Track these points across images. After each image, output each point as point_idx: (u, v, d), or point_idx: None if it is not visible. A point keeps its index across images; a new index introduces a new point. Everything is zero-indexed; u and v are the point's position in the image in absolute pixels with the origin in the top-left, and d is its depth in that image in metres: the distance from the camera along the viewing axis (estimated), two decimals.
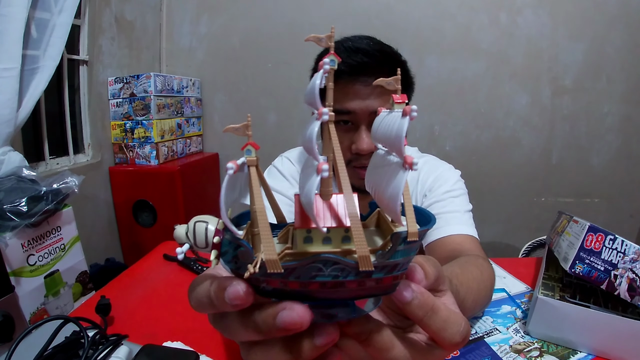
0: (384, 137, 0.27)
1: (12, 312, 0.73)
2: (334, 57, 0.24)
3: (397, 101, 0.26)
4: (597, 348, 0.53)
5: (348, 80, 0.68)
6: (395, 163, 0.25)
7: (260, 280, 0.23)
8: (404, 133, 0.24)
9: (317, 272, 0.22)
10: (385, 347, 0.25)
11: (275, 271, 0.22)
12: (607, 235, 0.55)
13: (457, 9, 1.86)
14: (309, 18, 1.92)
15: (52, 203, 0.98)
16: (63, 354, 0.47)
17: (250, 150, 0.25)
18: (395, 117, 0.26)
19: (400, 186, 0.23)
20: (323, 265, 0.22)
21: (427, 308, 0.25)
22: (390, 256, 0.24)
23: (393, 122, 0.25)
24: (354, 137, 0.70)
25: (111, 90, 1.76)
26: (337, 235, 0.25)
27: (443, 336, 0.26)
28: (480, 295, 0.51)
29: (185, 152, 1.99)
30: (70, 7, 1.30)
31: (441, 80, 1.92)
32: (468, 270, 0.51)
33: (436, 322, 0.26)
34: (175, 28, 2.08)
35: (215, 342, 0.59)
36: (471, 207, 0.77)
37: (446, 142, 1.99)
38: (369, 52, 0.66)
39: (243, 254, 0.23)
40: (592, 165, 1.92)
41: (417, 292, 0.25)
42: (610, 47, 1.80)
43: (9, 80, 1.10)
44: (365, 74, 0.67)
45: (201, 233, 0.24)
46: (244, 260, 0.23)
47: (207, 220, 0.25)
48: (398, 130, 0.24)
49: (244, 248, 0.23)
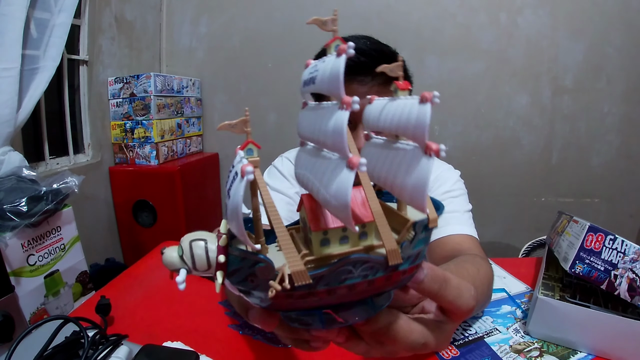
0: (393, 125, 0.24)
1: (12, 312, 0.73)
2: (339, 42, 0.22)
3: (401, 87, 0.25)
4: (597, 348, 0.53)
5: (345, 80, 0.67)
6: (411, 150, 0.22)
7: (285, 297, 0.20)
8: (428, 120, 0.21)
9: (347, 274, 0.21)
10: (405, 334, 0.26)
11: (304, 282, 0.20)
12: (607, 235, 0.55)
13: (457, 9, 1.86)
14: (309, 18, 1.92)
15: (52, 203, 0.98)
16: (63, 354, 0.47)
17: (252, 149, 0.23)
18: (407, 104, 0.23)
19: (426, 175, 0.21)
20: (353, 266, 0.21)
21: (440, 280, 0.26)
22: (415, 245, 0.23)
23: (407, 110, 0.23)
24: (351, 136, 0.70)
25: (111, 90, 1.76)
26: (354, 232, 0.24)
27: (460, 303, 0.27)
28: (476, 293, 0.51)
29: (185, 152, 1.99)
30: (70, 7, 1.30)
31: (441, 80, 1.92)
32: (464, 268, 0.51)
33: (451, 291, 0.27)
34: (175, 28, 2.08)
35: (215, 342, 0.59)
36: (471, 207, 0.77)
37: (446, 142, 1.98)
38: (365, 51, 0.67)
39: (263, 270, 0.20)
40: (592, 165, 1.92)
41: (427, 269, 0.26)
42: (610, 47, 1.80)
43: (9, 80, 1.10)
44: (362, 74, 0.67)
45: (201, 253, 0.21)
46: (264, 277, 0.20)
47: (203, 237, 0.21)
48: (420, 118, 0.21)
49: (263, 263, 0.20)
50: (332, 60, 0.21)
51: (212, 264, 0.21)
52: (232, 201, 0.20)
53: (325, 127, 0.21)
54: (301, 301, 0.21)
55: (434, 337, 0.28)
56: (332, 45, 0.22)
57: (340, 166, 0.20)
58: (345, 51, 0.20)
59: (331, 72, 0.21)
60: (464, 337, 0.57)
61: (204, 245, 0.21)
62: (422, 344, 0.27)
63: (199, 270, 0.21)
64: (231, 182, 0.21)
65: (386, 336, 0.26)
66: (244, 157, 0.22)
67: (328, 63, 0.21)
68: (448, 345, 0.31)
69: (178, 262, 0.21)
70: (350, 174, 0.19)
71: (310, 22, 0.23)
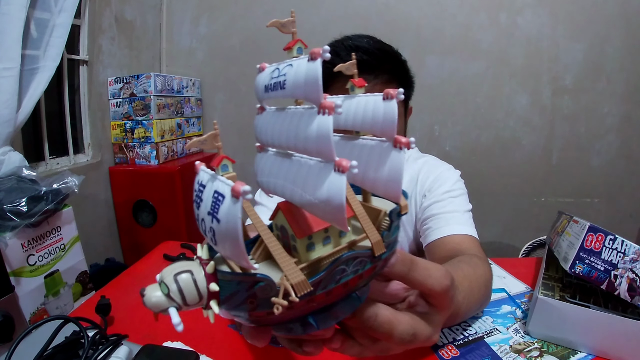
0: (358, 122, 0.24)
1: (12, 312, 0.73)
2: (301, 45, 0.22)
3: (358, 85, 0.25)
4: (597, 348, 0.53)
5: (348, 78, 0.68)
6: (378, 145, 0.24)
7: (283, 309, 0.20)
8: (396, 115, 0.22)
9: (341, 274, 0.21)
10: (393, 324, 0.26)
11: (306, 291, 0.19)
12: (607, 235, 0.55)
13: (457, 9, 1.86)
14: (308, 18, 1.92)
15: (52, 203, 0.98)
16: (63, 354, 0.47)
17: (227, 165, 0.21)
18: (369, 101, 0.24)
19: (400, 167, 0.22)
20: (346, 264, 0.21)
21: (408, 262, 0.27)
22: (393, 233, 0.24)
23: (372, 107, 0.24)
24: None
25: (111, 90, 1.76)
26: (334, 231, 0.24)
27: (431, 283, 0.28)
28: (472, 293, 0.51)
29: (185, 152, 1.99)
30: (70, 7, 1.30)
31: (441, 80, 1.92)
32: (459, 268, 0.52)
33: (420, 272, 0.28)
34: (175, 28, 2.08)
35: (215, 342, 0.59)
36: (471, 207, 0.77)
37: (446, 142, 1.99)
38: (368, 50, 0.67)
39: (263, 289, 0.19)
40: (592, 165, 1.92)
41: (397, 253, 0.27)
42: (610, 47, 1.80)
43: (9, 80, 1.10)
44: (365, 72, 0.67)
45: (189, 286, 0.19)
46: (265, 297, 0.20)
47: (186, 268, 0.20)
48: (388, 114, 0.23)
49: (264, 282, 0.19)
50: (304, 64, 0.20)
51: (203, 294, 0.19)
52: (226, 225, 0.18)
53: (304, 133, 0.21)
54: (299, 310, 0.21)
55: (423, 326, 0.28)
56: (294, 48, 0.22)
57: (326, 170, 0.20)
58: (321, 55, 0.19)
59: (308, 77, 0.20)
60: (464, 337, 0.57)
61: (190, 278, 0.19)
62: (411, 334, 0.27)
63: (189, 305, 0.19)
64: (213, 205, 0.19)
65: (374, 328, 0.26)
66: (220, 175, 0.20)
67: (300, 67, 0.20)
68: (438, 337, 0.31)
69: (165, 302, 0.19)
70: (341, 177, 0.19)
71: (270, 25, 0.23)
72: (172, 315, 0.19)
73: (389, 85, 0.70)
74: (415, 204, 0.81)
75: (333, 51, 0.80)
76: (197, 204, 0.21)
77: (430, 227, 0.74)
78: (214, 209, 0.19)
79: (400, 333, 0.26)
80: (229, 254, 0.19)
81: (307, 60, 0.20)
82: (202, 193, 0.20)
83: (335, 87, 0.70)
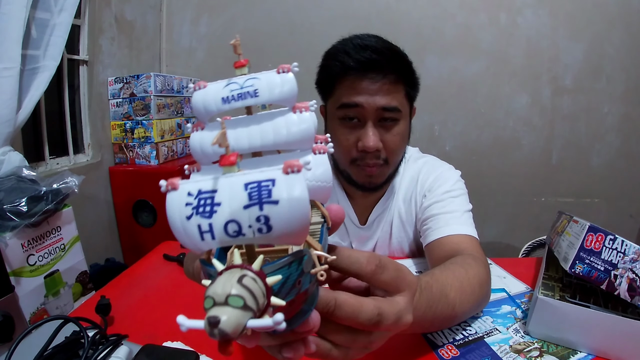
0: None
1: (12, 312, 0.73)
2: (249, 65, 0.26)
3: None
4: (597, 348, 0.53)
5: (357, 76, 0.68)
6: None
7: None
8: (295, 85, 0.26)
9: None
10: (356, 307, 0.28)
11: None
12: (607, 235, 0.55)
13: (457, 9, 1.86)
14: (308, 18, 1.92)
15: (52, 203, 0.98)
16: (63, 354, 0.47)
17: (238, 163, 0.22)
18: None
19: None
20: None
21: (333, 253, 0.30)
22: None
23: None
24: (360, 134, 0.70)
25: (111, 90, 1.76)
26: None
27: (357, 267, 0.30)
28: (464, 293, 0.51)
29: (185, 152, 1.99)
30: (70, 7, 1.30)
31: (441, 80, 1.92)
32: (449, 270, 0.52)
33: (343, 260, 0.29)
34: (175, 28, 2.08)
35: (215, 342, 0.59)
36: (471, 207, 0.77)
37: (446, 142, 1.99)
38: (377, 49, 0.67)
39: (308, 262, 0.20)
40: (592, 165, 1.92)
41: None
42: (610, 47, 1.80)
43: (9, 80, 1.10)
44: (373, 71, 0.67)
45: (256, 287, 0.18)
46: (308, 270, 0.21)
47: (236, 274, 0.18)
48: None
49: (307, 255, 0.20)
50: (275, 75, 0.25)
51: (264, 294, 0.18)
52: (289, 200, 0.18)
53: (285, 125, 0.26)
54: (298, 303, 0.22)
55: (387, 305, 0.30)
56: (247, 67, 0.26)
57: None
58: (291, 69, 0.25)
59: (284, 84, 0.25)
60: (463, 337, 0.57)
61: (250, 278, 0.18)
62: (377, 314, 0.28)
63: (260, 309, 0.18)
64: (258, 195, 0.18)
65: (338, 315, 0.27)
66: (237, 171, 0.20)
67: (272, 78, 0.25)
68: (411, 318, 0.32)
69: (244, 315, 0.17)
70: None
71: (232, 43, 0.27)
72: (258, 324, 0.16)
73: (396, 85, 0.70)
74: (416, 204, 0.81)
75: (342, 49, 0.79)
76: (207, 212, 0.20)
77: (430, 227, 0.74)
78: (261, 197, 0.18)
79: (365, 313, 0.28)
80: (296, 227, 0.18)
81: (277, 72, 0.25)
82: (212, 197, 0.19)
83: (344, 84, 0.70)
